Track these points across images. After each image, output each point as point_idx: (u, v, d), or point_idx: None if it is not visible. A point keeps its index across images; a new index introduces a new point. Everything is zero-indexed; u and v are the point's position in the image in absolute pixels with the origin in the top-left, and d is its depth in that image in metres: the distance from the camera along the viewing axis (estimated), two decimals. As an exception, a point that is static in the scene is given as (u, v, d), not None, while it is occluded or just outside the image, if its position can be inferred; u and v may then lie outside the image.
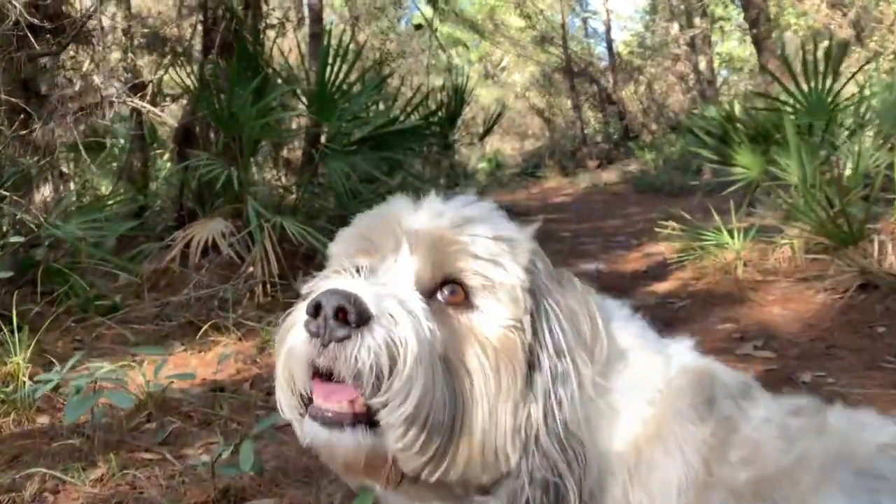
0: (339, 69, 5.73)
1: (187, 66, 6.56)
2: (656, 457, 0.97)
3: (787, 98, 5.82)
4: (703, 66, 22.31)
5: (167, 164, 8.79)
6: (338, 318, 0.85)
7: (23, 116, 4.42)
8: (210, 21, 5.89)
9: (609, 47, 25.20)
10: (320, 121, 5.98)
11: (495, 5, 25.22)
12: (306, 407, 0.92)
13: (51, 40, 4.89)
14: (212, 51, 5.96)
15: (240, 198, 5.40)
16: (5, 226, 3.51)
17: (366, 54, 13.75)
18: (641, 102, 24.61)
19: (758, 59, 13.30)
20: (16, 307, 3.61)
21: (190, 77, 6.29)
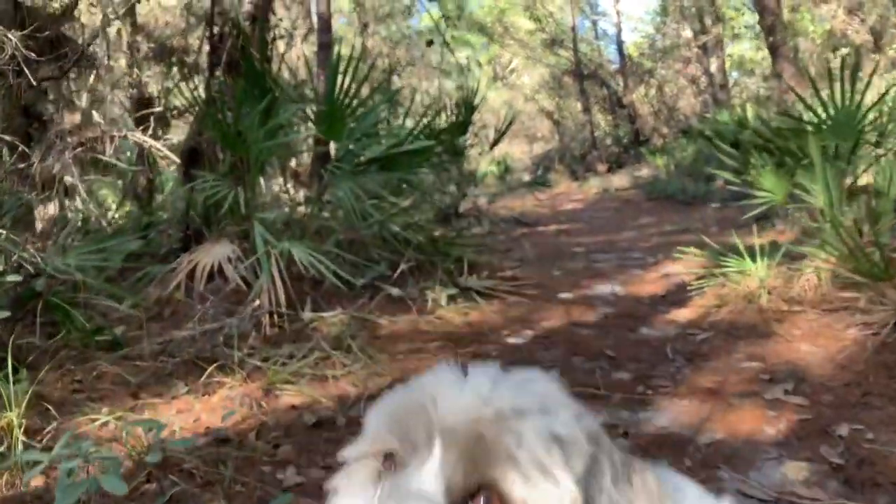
0: (348, 87, 5.57)
1: (193, 80, 6.43)
2: None
3: (811, 117, 5.61)
4: (715, 69, 22.07)
5: (171, 180, 8.68)
6: None
7: (21, 148, 4.30)
8: (217, 37, 5.73)
9: (619, 50, 25.01)
10: (329, 139, 5.83)
11: (505, 8, 25.05)
12: None
13: (52, 66, 4.76)
14: (218, 67, 5.81)
15: (247, 219, 5.27)
16: (2, 264, 3.36)
17: (375, 62, 13.60)
18: (652, 105, 24.40)
19: (772, 67, 13.07)
20: (14, 341, 3.49)
21: (195, 93, 6.15)
